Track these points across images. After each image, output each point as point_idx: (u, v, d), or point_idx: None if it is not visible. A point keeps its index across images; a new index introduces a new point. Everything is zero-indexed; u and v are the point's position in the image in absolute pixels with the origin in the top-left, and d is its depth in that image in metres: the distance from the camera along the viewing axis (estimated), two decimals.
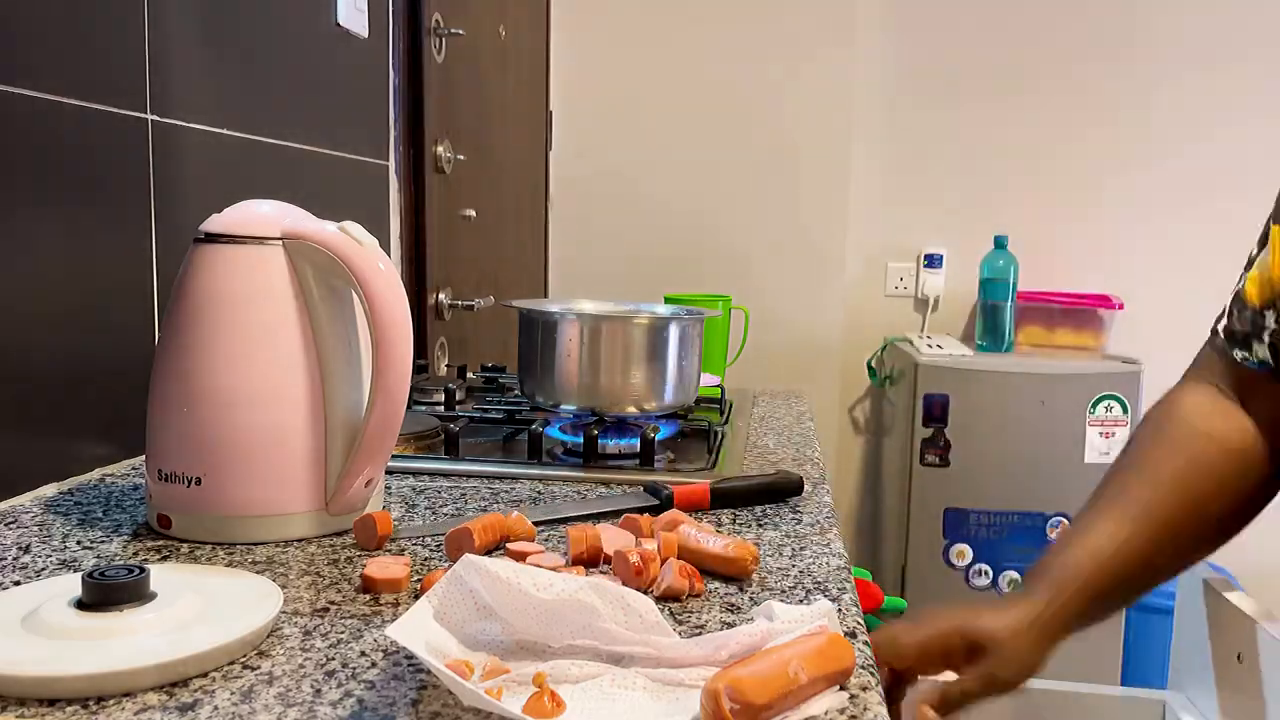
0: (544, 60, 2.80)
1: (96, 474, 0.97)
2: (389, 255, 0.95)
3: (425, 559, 0.75)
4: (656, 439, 1.06)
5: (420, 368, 1.47)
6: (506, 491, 0.94)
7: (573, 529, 0.74)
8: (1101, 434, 2.40)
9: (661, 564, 0.69)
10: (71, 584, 0.60)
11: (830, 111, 2.80)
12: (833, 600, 0.69)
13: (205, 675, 0.55)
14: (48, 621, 0.57)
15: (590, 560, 0.73)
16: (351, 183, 1.54)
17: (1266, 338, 0.81)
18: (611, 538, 0.74)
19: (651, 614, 0.56)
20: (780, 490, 0.93)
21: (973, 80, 2.78)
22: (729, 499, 0.91)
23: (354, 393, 0.80)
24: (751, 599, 0.69)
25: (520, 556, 0.71)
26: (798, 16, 2.78)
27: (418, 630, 0.54)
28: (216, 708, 0.52)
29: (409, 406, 0.81)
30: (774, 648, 0.54)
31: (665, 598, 0.68)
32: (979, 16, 2.77)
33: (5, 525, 0.81)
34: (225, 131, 1.17)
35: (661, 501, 0.89)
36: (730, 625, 0.64)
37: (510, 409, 1.24)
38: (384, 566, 0.69)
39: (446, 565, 0.72)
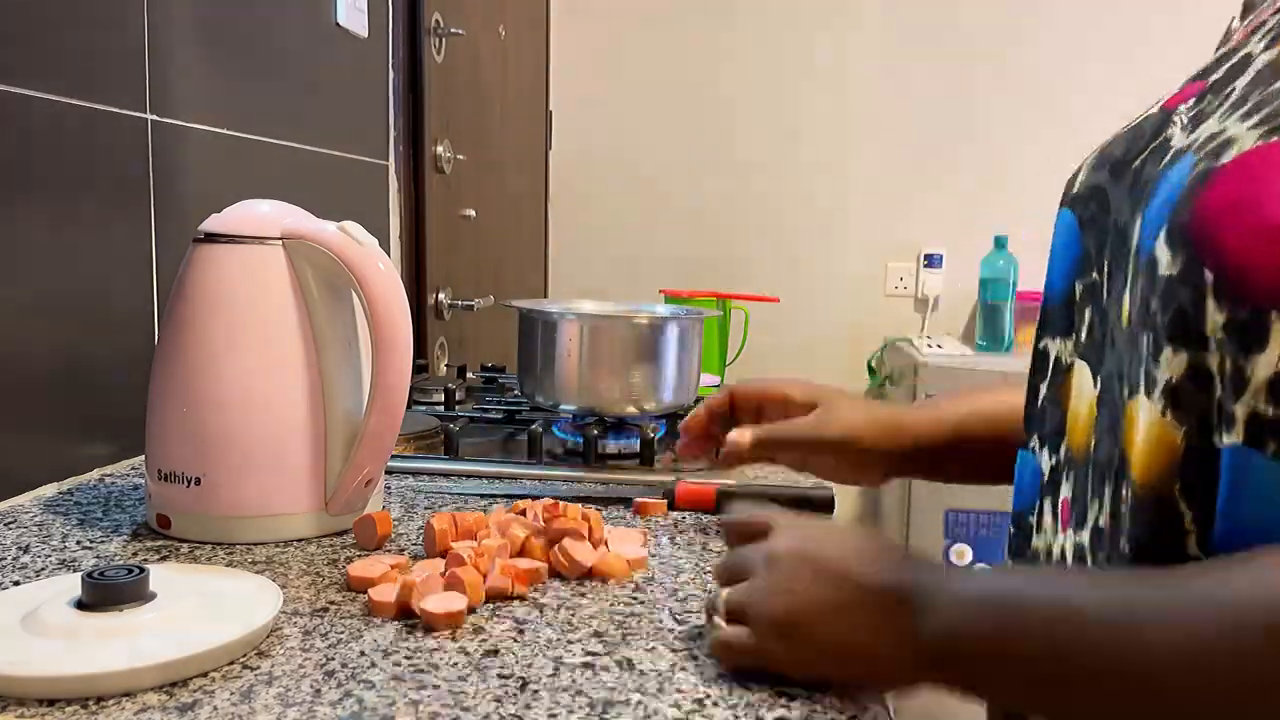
0: (544, 60, 2.80)
1: (96, 474, 0.97)
2: (389, 255, 0.95)
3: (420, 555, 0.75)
4: (656, 439, 1.06)
5: (420, 368, 1.47)
6: (506, 491, 0.94)
7: (438, 516, 0.75)
8: None
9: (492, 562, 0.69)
10: (71, 584, 0.60)
11: (830, 111, 2.80)
12: None
13: (205, 675, 0.55)
14: (47, 621, 0.57)
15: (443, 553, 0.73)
16: (351, 183, 1.54)
17: None
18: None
19: None
20: (800, 507, 0.87)
21: (973, 78, 2.78)
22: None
23: (354, 392, 0.80)
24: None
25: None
26: (796, 16, 2.78)
27: None
28: (216, 708, 0.52)
29: (409, 406, 0.81)
30: None
31: (491, 597, 0.67)
32: (978, 14, 2.77)
33: (5, 525, 0.81)
34: (225, 131, 1.17)
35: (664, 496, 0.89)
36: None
37: (510, 409, 1.24)
38: (367, 567, 0.69)
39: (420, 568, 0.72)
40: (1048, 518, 0.59)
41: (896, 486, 2.58)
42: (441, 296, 1.90)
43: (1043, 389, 0.61)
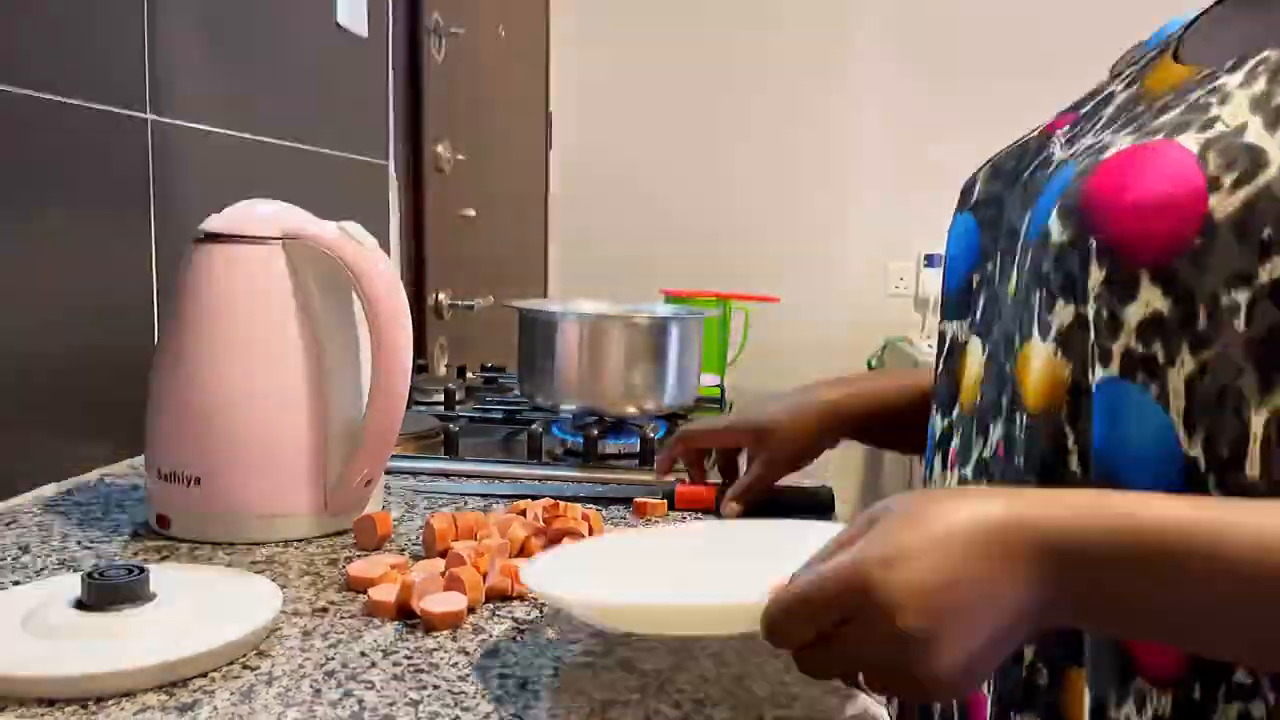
0: (544, 60, 2.80)
1: (96, 474, 0.97)
2: (388, 255, 0.95)
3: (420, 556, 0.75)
4: (656, 439, 1.06)
5: (420, 368, 1.47)
6: (506, 491, 0.94)
7: (438, 516, 0.75)
8: None
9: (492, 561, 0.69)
10: (71, 584, 0.60)
11: (830, 111, 2.80)
12: None
13: (205, 675, 0.55)
14: (48, 622, 0.57)
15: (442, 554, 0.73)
16: (351, 182, 1.54)
17: None
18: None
19: None
20: (801, 506, 0.88)
21: (973, 77, 2.78)
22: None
23: (354, 392, 0.80)
24: None
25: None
26: (796, 16, 2.78)
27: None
28: (216, 708, 0.52)
29: (409, 406, 0.81)
30: None
31: (491, 597, 0.67)
32: (979, 10, 2.77)
33: (5, 525, 0.81)
34: (225, 131, 1.17)
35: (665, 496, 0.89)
36: None
37: (510, 409, 1.24)
38: (367, 567, 0.69)
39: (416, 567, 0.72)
40: (937, 469, 0.68)
41: (897, 485, 2.59)
42: (441, 296, 1.90)
43: (941, 365, 0.70)
